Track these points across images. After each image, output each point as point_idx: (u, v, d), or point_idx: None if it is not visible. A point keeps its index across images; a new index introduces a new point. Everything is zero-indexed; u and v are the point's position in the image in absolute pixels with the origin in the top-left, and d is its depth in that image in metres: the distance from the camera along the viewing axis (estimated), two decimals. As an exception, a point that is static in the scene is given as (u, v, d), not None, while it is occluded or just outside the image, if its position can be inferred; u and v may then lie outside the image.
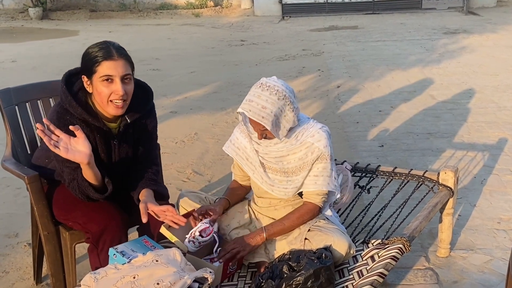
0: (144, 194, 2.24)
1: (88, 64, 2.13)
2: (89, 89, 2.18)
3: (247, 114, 2.16)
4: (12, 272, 2.92)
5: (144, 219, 2.13)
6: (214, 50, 9.55)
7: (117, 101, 2.13)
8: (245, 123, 2.35)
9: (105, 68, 2.10)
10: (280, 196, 2.35)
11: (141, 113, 2.31)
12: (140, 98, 2.31)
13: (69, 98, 2.16)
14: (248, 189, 2.58)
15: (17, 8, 15.56)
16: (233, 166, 2.55)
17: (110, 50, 2.11)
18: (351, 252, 2.23)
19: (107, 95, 2.12)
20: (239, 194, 2.56)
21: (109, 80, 2.11)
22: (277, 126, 2.19)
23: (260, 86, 2.19)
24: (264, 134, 2.23)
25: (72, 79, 2.23)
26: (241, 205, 2.54)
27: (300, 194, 2.39)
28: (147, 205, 2.16)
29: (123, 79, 2.13)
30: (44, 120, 2.05)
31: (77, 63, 2.27)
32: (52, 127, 2.03)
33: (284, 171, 2.32)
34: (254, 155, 2.34)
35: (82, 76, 2.18)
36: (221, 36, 11.16)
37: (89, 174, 2.14)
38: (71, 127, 2.04)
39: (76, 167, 2.17)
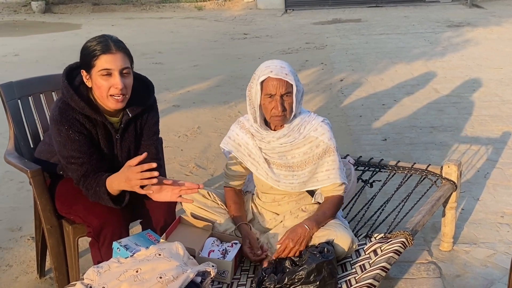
0: None
1: (87, 59, 2.12)
2: (89, 84, 2.17)
3: (271, 75, 2.16)
4: (16, 266, 2.93)
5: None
6: (216, 43, 9.53)
7: (117, 95, 2.13)
8: (256, 112, 2.26)
9: (104, 62, 2.09)
10: (286, 190, 2.35)
11: (143, 107, 2.30)
12: (141, 92, 2.30)
13: (71, 92, 2.15)
14: (241, 192, 2.54)
15: (20, 1, 15.55)
16: (228, 167, 2.45)
17: (108, 44, 2.10)
18: (354, 246, 2.23)
19: (106, 89, 2.12)
20: (242, 204, 2.47)
21: (108, 74, 2.10)
22: (298, 87, 2.21)
23: (267, 61, 2.25)
24: (283, 103, 2.18)
25: (73, 73, 2.23)
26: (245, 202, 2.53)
27: (307, 191, 2.39)
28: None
29: (122, 72, 2.12)
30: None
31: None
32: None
33: (288, 166, 2.31)
34: (257, 151, 2.33)
35: (81, 70, 2.17)
36: (223, 29, 11.13)
37: (116, 190, 2.13)
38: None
39: (83, 162, 2.16)
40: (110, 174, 2.15)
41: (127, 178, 2.02)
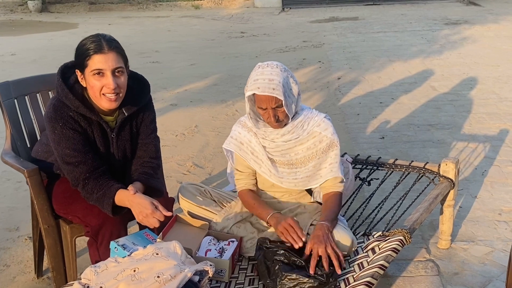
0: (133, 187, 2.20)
1: (80, 58, 2.12)
2: (83, 83, 2.17)
3: (258, 92, 2.12)
4: (13, 266, 2.92)
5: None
6: (214, 42, 9.52)
7: (110, 94, 2.12)
8: (254, 116, 2.28)
9: (96, 62, 2.08)
10: (290, 187, 2.34)
11: (138, 106, 2.30)
12: (137, 91, 2.29)
13: (66, 91, 2.15)
14: (256, 193, 2.49)
15: (16, 1, 15.50)
16: (237, 170, 2.43)
17: (101, 43, 2.10)
18: (353, 248, 2.22)
19: (98, 88, 2.11)
20: (262, 200, 2.41)
21: (100, 73, 2.10)
22: (288, 97, 2.17)
23: (259, 67, 2.19)
24: (276, 114, 2.17)
25: (68, 72, 2.22)
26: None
27: (306, 190, 2.38)
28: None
29: (114, 72, 2.12)
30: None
31: (76, 56, 2.25)
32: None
33: (291, 163, 2.30)
34: (261, 149, 2.32)
35: (76, 70, 2.17)
36: (221, 28, 11.12)
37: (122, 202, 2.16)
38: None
39: (79, 163, 2.16)
40: (114, 182, 2.17)
41: (146, 214, 2.10)
